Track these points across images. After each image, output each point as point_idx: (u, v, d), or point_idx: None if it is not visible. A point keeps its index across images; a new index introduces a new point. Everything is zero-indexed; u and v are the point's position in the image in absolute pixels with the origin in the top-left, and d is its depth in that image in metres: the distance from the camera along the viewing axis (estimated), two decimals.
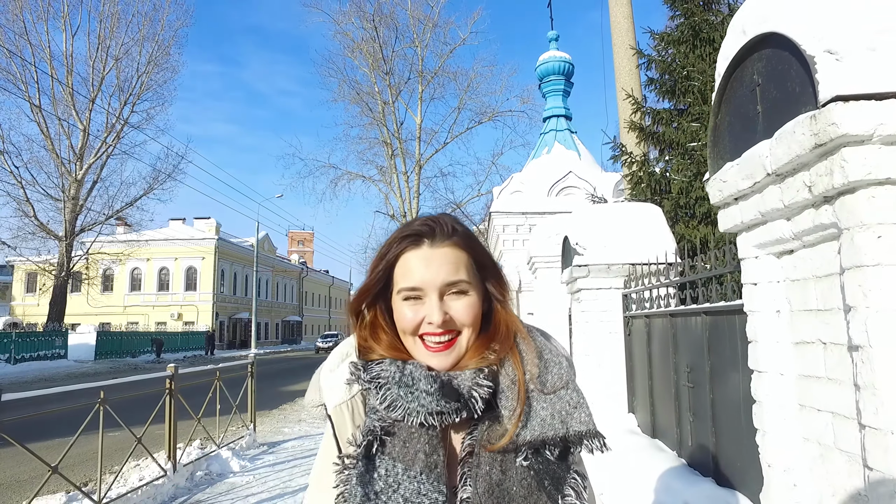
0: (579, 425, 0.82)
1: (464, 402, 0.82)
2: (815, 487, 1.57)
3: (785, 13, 1.48)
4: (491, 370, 0.85)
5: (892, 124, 1.25)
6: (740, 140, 1.76)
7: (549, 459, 0.81)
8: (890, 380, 1.24)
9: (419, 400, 0.81)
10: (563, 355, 0.90)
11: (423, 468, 0.80)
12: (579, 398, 0.85)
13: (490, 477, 0.80)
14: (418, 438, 0.82)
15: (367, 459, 0.81)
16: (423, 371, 0.83)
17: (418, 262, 0.86)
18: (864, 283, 1.29)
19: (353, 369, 0.87)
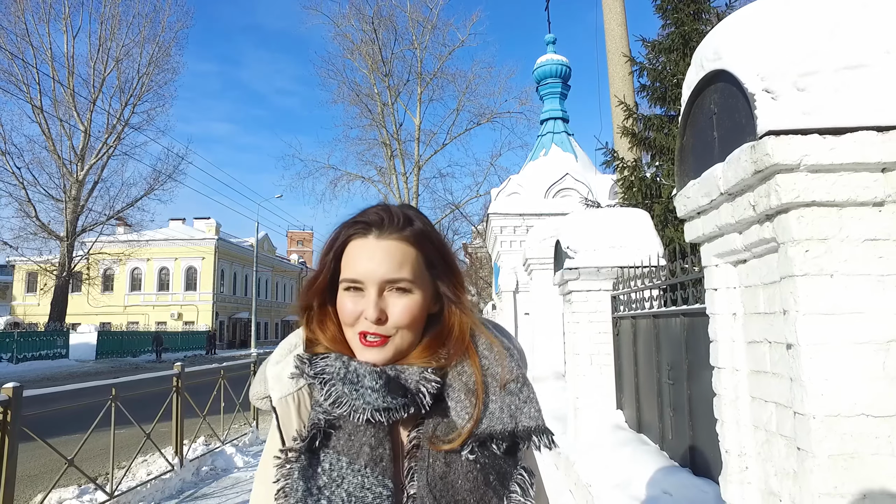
0: (528, 420, 0.82)
1: (411, 398, 0.80)
2: (762, 468, 1.79)
3: (733, 53, 1.69)
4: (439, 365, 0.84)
5: (814, 155, 1.46)
6: (701, 161, 1.97)
7: (496, 454, 0.80)
8: (812, 373, 1.45)
9: (364, 397, 0.79)
10: (514, 349, 0.90)
11: (368, 461, 0.78)
12: (529, 393, 0.85)
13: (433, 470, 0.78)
14: (364, 432, 0.80)
15: (310, 453, 0.79)
16: (368, 367, 0.81)
17: (362, 252, 0.83)
18: (795, 291, 1.50)
19: (297, 363, 0.85)
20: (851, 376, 1.45)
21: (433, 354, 0.84)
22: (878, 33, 1.53)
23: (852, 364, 1.46)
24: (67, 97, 25.97)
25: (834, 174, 1.49)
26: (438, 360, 0.84)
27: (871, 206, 1.50)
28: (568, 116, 18.24)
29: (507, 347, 0.88)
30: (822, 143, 1.47)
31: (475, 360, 0.84)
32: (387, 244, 0.83)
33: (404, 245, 0.84)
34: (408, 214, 0.87)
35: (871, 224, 1.50)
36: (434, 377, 0.82)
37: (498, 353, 0.86)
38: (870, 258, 1.49)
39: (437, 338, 0.86)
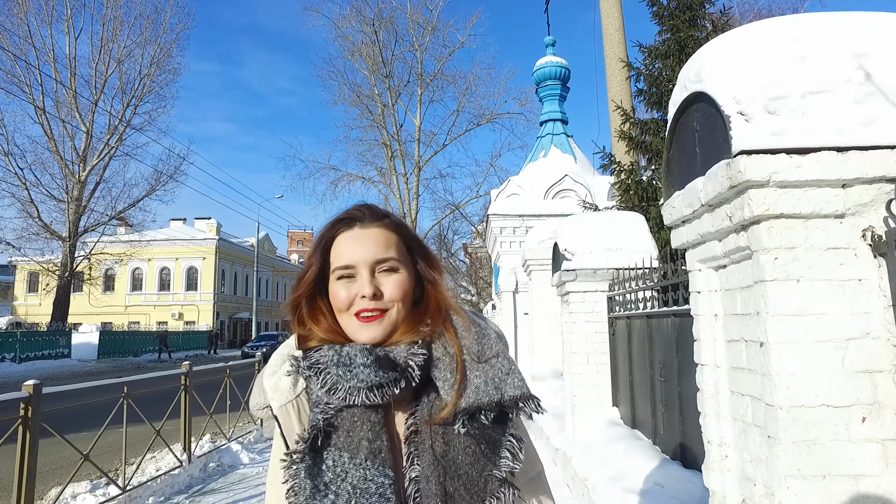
0: (513, 390, 0.86)
1: (401, 371, 0.85)
2: (739, 456, 1.95)
3: (712, 77, 1.85)
4: (424, 342, 0.90)
5: (782, 173, 1.63)
6: (685, 173, 2.13)
7: (485, 424, 0.84)
8: (780, 368, 1.62)
9: (357, 376, 0.83)
10: (492, 329, 0.96)
11: (368, 454, 0.82)
12: (511, 365, 0.89)
13: (434, 450, 0.82)
14: (361, 426, 0.84)
15: (314, 453, 0.83)
16: (359, 347, 0.87)
17: (350, 241, 0.91)
18: (765, 294, 1.67)
19: (292, 361, 0.90)
20: (814, 371, 1.62)
21: (414, 329, 0.90)
22: (839, 62, 1.70)
23: (815, 360, 1.62)
24: (69, 98, 26.13)
25: (800, 189, 1.66)
26: (421, 333, 0.90)
27: (833, 218, 1.67)
28: (567, 118, 18.40)
29: (484, 326, 0.94)
30: (789, 161, 1.64)
31: (453, 337, 0.90)
32: (371, 231, 0.92)
33: (386, 231, 0.93)
34: (384, 211, 0.97)
35: (833, 234, 1.67)
36: (420, 350, 0.88)
37: (476, 332, 0.92)
38: (831, 265, 1.66)
39: (417, 315, 0.92)
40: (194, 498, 5.31)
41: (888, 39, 1.75)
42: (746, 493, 1.90)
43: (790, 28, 1.81)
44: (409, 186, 28.26)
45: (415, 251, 0.96)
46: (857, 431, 1.58)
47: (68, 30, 26.62)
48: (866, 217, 1.65)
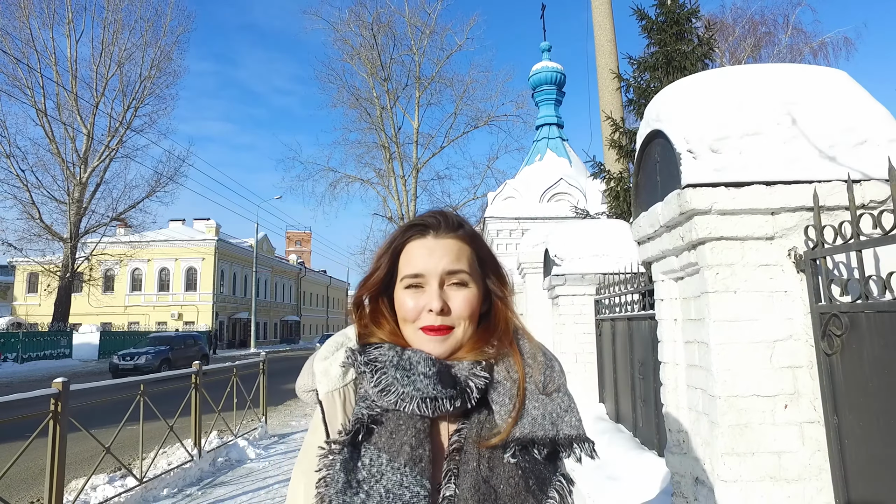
0: (569, 429, 0.84)
1: (459, 391, 0.82)
2: (693, 441, 2.28)
3: (668, 118, 2.19)
4: (488, 363, 0.86)
5: (722, 203, 1.96)
6: (650, 197, 2.47)
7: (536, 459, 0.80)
8: (719, 365, 1.95)
9: (415, 384, 0.81)
10: (556, 359, 0.93)
11: (408, 461, 0.79)
12: (570, 402, 0.87)
13: (478, 473, 0.79)
14: (405, 430, 0.81)
15: (352, 447, 0.81)
16: (422, 355, 0.84)
17: (422, 250, 0.88)
18: (708, 303, 2.00)
19: (349, 353, 0.88)
20: (747, 367, 1.95)
21: (481, 349, 0.87)
22: (770, 109, 2.04)
23: (748, 358, 1.96)
24: (71, 101, 26.36)
25: (737, 216, 1.99)
26: (486, 353, 0.87)
27: (764, 239, 2.00)
28: (562, 122, 18.79)
29: (549, 356, 0.92)
30: (727, 193, 1.97)
31: (519, 362, 0.88)
32: (445, 241, 0.89)
33: (460, 242, 0.90)
34: (459, 219, 0.94)
35: (764, 253, 2.00)
36: (483, 373, 0.85)
37: (540, 362, 0.89)
38: (763, 279, 1.99)
39: (484, 332, 0.90)
40: (205, 490, 5.63)
41: (811, 90, 2.09)
42: (698, 471, 2.24)
43: (732, 79, 2.15)
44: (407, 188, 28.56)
45: (486, 265, 0.93)
46: (781, 416, 1.92)
47: (69, 32, 26.85)
48: (791, 239, 1.99)
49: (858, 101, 2.11)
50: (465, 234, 0.92)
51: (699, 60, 7.86)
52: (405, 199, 28.56)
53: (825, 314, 1.85)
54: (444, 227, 0.90)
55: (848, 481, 1.78)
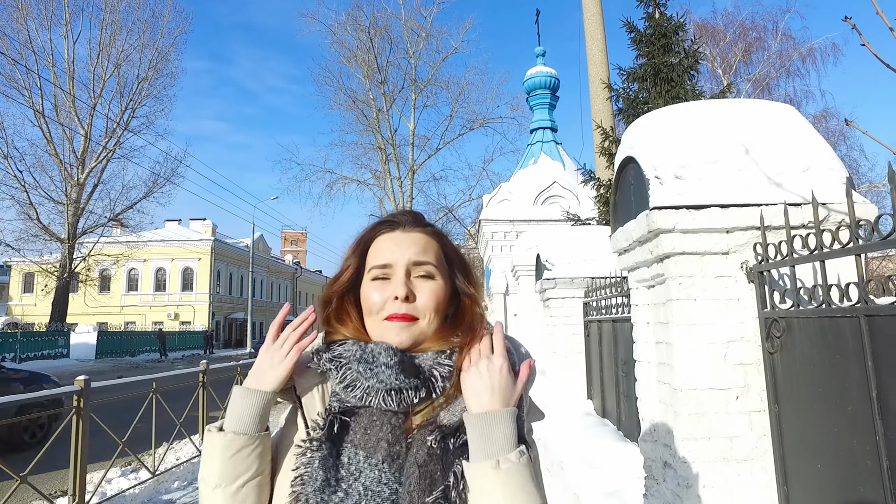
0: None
1: (423, 380, 0.82)
2: (661, 429, 2.60)
3: (639, 147, 2.51)
4: (453, 352, 0.86)
5: (683, 223, 2.27)
6: (625, 214, 2.79)
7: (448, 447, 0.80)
8: (680, 362, 2.27)
9: (378, 375, 0.80)
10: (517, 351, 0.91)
11: (385, 457, 0.79)
12: None
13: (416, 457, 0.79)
14: (380, 427, 0.81)
15: (330, 443, 0.80)
16: (384, 345, 0.83)
17: (389, 242, 0.89)
18: (672, 310, 2.32)
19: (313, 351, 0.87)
20: (704, 364, 2.27)
21: (446, 339, 0.87)
22: (727, 140, 2.36)
23: (705, 356, 2.28)
24: (68, 102, 26.49)
25: (696, 234, 2.31)
26: (451, 343, 0.86)
27: (721, 254, 2.32)
28: (556, 126, 19.11)
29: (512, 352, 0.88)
30: (688, 215, 2.29)
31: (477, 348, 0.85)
32: (412, 234, 0.90)
33: (427, 237, 0.91)
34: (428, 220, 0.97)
35: (720, 266, 2.32)
36: (447, 361, 0.84)
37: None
38: (719, 288, 2.31)
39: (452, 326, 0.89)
40: None
41: (763, 123, 2.42)
42: (666, 455, 2.55)
43: (694, 113, 2.47)
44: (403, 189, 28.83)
45: (454, 264, 0.94)
46: (733, 406, 2.24)
47: (67, 34, 26.97)
48: (742, 254, 2.31)
49: (804, 134, 2.44)
50: (433, 231, 0.94)
51: (685, 72, 8.20)
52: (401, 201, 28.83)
53: (769, 319, 2.17)
54: (413, 222, 0.93)
55: (785, 459, 2.10)
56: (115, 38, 27.72)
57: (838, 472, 1.80)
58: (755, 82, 24.03)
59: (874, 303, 1.58)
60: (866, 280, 1.61)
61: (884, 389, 1.55)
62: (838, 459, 1.79)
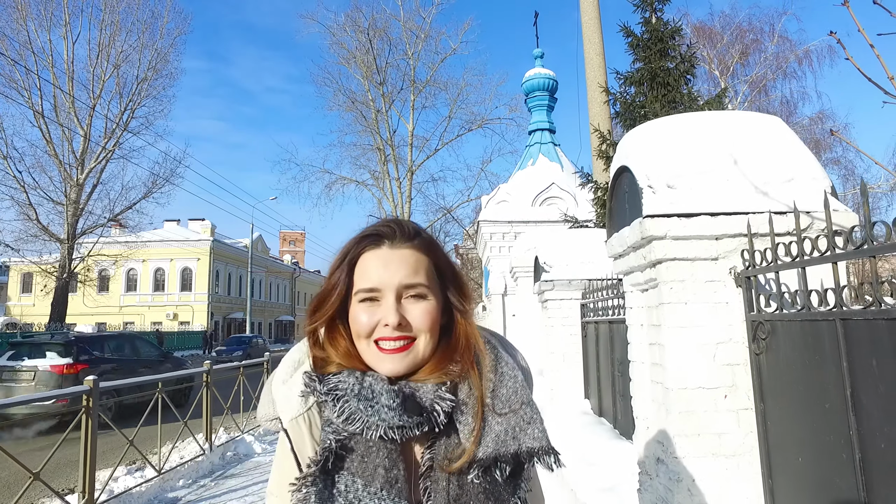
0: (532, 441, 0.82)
1: (426, 417, 0.81)
2: (655, 427, 2.72)
3: (633, 158, 2.62)
4: (452, 383, 0.84)
5: (675, 230, 2.39)
6: (620, 221, 2.90)
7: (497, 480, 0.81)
8: (672, 363, 2.39)
9: (380, 414, 0.79)
10: (519, 368, 0.91)
11: (384, 484, 0.78)
12: (533, 414, 0.85)
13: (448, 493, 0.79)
14: (377, 453, 0.80)
15: (325, 475, 0.79)
16: (385, 385, 0.82)
17: (377, 262, 0.84)
18: (664, 312, 2.44)
19: (307, 380, 0.84)
20: (695, 364, 2.39)
21: (445, 368, 0.85)
22: (717, 151, 2.48)
23: (695, 357, 2.39)
24: (68, 102, 26.54)
25: (687, 241, 2.43)
26: (450, 373, 0.85)
27: (710, 260, 2.44)
28: (555, 127, 19.26)
29: (511, 367, 0.89)
30: (679, 222, 2.41)
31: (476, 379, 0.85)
32: (401, 252, 0.85)
33: (417, 253, 0.86)
34: (416, 227, 0.90)
35: (709, 271, 2.44)
36: (448, 395, 0.83)
37: (503, 374, 0.87)
38: (708, 292, 2.43)
39: (447, 352, 0.87)
40: (218, 481, 6.02)
41: (751, 135, 2.54)
42: (659, 452, 2.67)
43: (686, 125, 2.59)
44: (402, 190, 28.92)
45: (445, 276, 0.90)
46: (722, 405, 2.36)
47: (66, 34, 27.02)
48: (731, 259, 2.43)
49: (789, 144, 2.56)
50: (422, 242, 0.88)
51: (682, 76, 8.33)
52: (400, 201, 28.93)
53: (755, 322, 2.29)
54: (400, 236, 0.87)
55: (770, 454, 2.22)
56: (115, 39, 27.78)
57: (817, 465, 1.92)
58: (752, 84, 24.20)
59: (849, 307, 1.70)
60: (842, 286, 1.73)
61: (857, 388, 1.67)
62: (817, 453, 1.91)
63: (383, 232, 0.87)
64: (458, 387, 0.85)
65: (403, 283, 0.84)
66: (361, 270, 0.86)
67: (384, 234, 0.87)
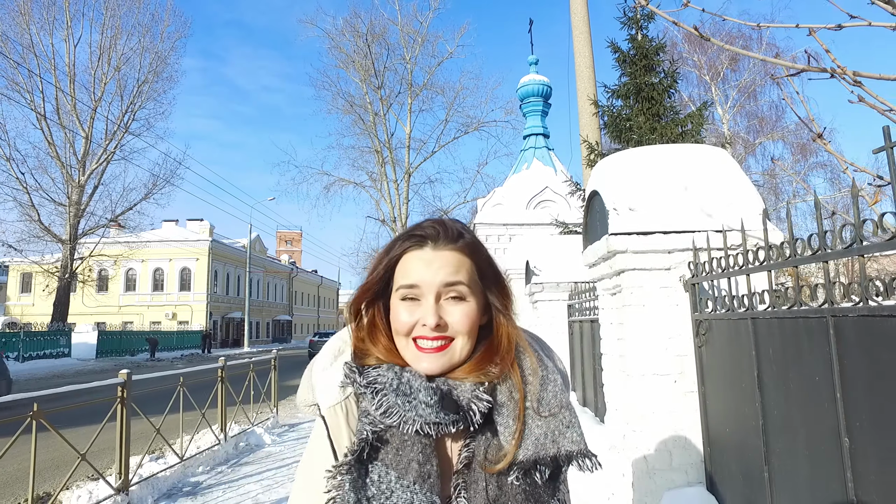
0: (570, 445, 0.84)
1: (462, 415, 0.82)
2: (624, 412, 3.25)
3: (602, 184, 3.15)
4: (490, 384, 0.85)
5: (634, 245, 2.92)
6: (594, 236, 3.43)
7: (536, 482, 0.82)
8: (631, 353, 2.91)
9: (417, 409, 0.81)
10: (558, 371, 0.92)
11: (417, 478, 0.80)
12: (572, 418, 0.86)
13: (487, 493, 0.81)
14: (412, 447, 0.82)
15: (359, 464, 0.81)
16: (423, 381, 0.84)
17: (419, 262, 0.86)
18: (626, 312, 2.96)
19: (347, 371, 0.86)
20: (651, 355, 2.92)
21: (484, 369, 0.86)
22: (670, 179, 3.01)
23: (652, 349, 2.92)
24: (69, 105, 26.92)
25: (645, 254, 2.95)
26: (490, 374, 0.86)
27: (664, 270, 2.97)
28: (548, 132, 19.83)
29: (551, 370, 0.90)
30: (638, 239, 2.93)
31: (519, 382, 0.86)
32: (443, 254, 0.86)
33: (459, 255, 0.87)
34: (460, 228, 0.91)
35: (663, 279, 2.97)
36: (486, 396, 0.84)
37: (542, 377, 0.88)
38: (662, 296, 2.96)
39: (487, 353, 0.88)
40: (234, 468, 6.52)
41: (700, 165, 3.07)
42: (624, 429, 3.20)
43: (646, 156, 3.12)
44: (399, 192, 29.41)
45: (487, 277, 0.91)
46: (672, 388, 2.89)
47: (68, 37, 27.39)
48: (680, 269, 2.96)
49: (731, 173, 3.09)
50: (465, 244, 0.89)
51: (665, 91, 8.87)
52: (397, 203, 29.40)
53: (698, 320, 2.82)
54: (444, 238, 0.88)
55: (709, 429, 2.76)
56: (116, 42, 28.20)
57: (739, 433, 2.45)
58: (741, 89, 24.83)
59: (756, 309, 2.23)
60: (752, 291, 2.26)
61: (762, 370, 2.20)
62: (737, 423, 2.44)
63: (428, 233, 0.89)
64: (496, 388, 0.86)
65: (444, 282, 0.85)
66: (403, 269, 0.88)
67: (428, 235, 0.88)
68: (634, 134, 8.38)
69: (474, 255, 0.90)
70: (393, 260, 0.89)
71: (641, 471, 2.88)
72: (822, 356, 1.75)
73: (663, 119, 8.65)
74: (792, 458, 1.99)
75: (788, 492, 2.03)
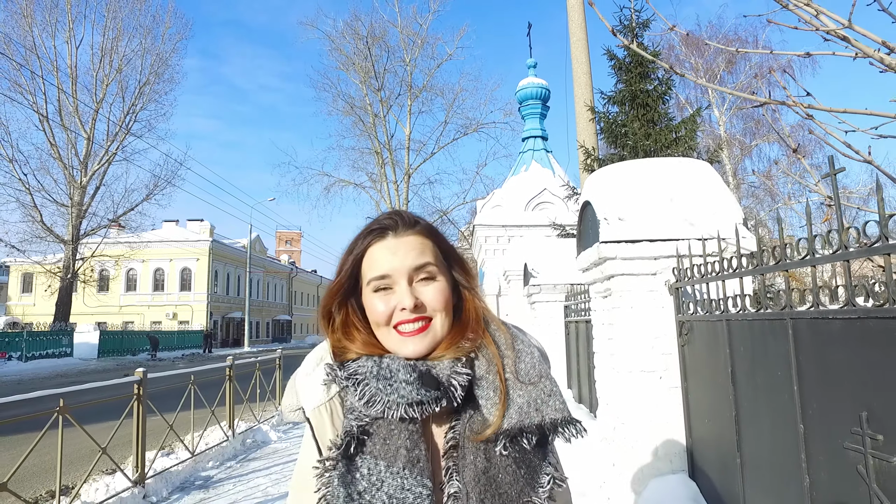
0: (554, 412, 0.85)
1: (443, 391, 0.83)
2: (614, 406, 3.50)
3: (594, 195, 3.39)
4: (468, 359, 0.87)
5: (623, 252, 3.16)
6: (586, 242, 3.68)
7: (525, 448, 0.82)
8: (620, 350, 3.16)
9: (398, 391, 0.82)
10: (535, 345, 0.95)
11: (406, 463, 0.80)
12: (553, 387, 0.88)
13: (476, 465, 0.81)
14: (398, 434, 0.82)
15: (347, 460, 0.81)
16: (402, 362, 0.85)
17: (384, 251, 0.88)
18: (616, 314, 3.21)
19: (328, 370, 0.88)
20: (638, 353, 3.16)
21: (457, 344, 0.88)
22: (657, 191, 3.25)
23: (639, 347, 3.17)
24: (71, 106, 27.11)
25: (633, 260, 3.20)
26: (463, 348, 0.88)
27: (651, 275, 3.21)
28: (547, 135, 20.05)
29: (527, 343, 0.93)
30: (627, 246, 3.18)
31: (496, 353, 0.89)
32: (406, 239, 0.90)
33: (420, 237, 0.91)
34: (414, 215, 0.95)
35: (650, 282, 3.21)
36: (465, 370, 0.86)
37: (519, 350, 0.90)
38: (649, 299, 3.20)
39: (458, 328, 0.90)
40: (242, 463, 6.75)
41: (685, 177, 3.31)
42: (614, 421, 3.45)
43: (635, 170, 3.37)
44: (399, 193, 29.65)
45: (450, 257, 0.95)
46: (658, 384, 3.13)
47: (69, 39, 27.58)
48: (666, 274, 3.20)
49: (714, 186, 3.33)
50: (424, 228, 0.93)
51: (660, 98, 9.12)
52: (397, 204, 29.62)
53: (680, 321, 3.07)
54: (402, 225, 0.91)
55: (690, 421, 3.00)
56: (117, 44, 28.39)
57: (716, 424, 2.69)
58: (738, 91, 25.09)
59: (729, 311, 2.47)
60: (727, 296, 2.50)
61: (735, 368, 2.44)
62: (715, 416, 2.69)
63: (386, 224, 0.92)
64: (474, 363, 0.88)
65: (413, 266, 0.88)
66: (370, 262, 0.90)
67: (387, 225, 0.91)
68: (629, 139, 8.62)
69: (434, 236, 0.94)
70: (358, 257, 0.91)
71: (630, 460, 3.13)
72: (783, 354, 2.00)
73: (658, 125, 8.90)
74: (759, 444, 2.24)
75: (756, 474, 2.28)
